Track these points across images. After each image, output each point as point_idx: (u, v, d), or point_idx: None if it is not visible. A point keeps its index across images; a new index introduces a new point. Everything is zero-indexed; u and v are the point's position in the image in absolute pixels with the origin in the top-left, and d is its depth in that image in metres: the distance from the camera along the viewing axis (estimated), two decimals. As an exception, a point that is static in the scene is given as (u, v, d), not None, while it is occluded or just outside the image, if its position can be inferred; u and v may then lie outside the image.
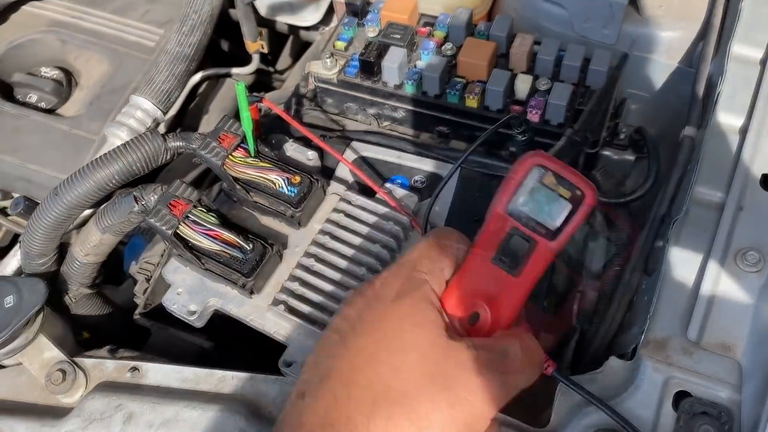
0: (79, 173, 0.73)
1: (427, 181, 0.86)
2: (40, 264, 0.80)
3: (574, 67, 0.88)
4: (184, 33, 0.97)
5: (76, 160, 1.01)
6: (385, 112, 0.97)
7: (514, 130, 0.76)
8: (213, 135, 0.74)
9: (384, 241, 0.75)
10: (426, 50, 0.95)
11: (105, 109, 1.04)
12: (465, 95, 0.90)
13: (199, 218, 0.71)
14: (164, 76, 0.95)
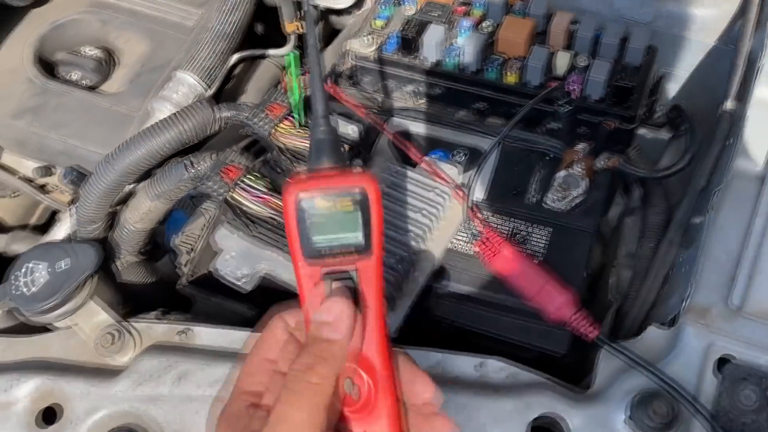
0: (133, 141, 0.75)
1: (467, 154, 0.88)
2: (91, 230, 0.82)
3: (612, 45, 0.89)
4: (225, 11, 0.99)
5: (117, 136, 1.03)
6: (423, 90, 0.99)
7: (557, 102, 0.76)
8: (262, 105, 0.76)
9: (427, 209, 0.76)
10: (464, 28, 0.96)
11: (145, 86, 1.06)
12: (504, 71, 0.92)
13: (250, 184, 0.72)
14: (206, 53, 0.96)
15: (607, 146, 0.84)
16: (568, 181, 0.82)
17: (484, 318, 0.78)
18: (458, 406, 0.67)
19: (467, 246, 0.80)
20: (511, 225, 0.81)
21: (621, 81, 0.86)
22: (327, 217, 0.42)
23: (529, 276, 0.73)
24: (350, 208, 0.42)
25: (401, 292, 0.73)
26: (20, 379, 0.76)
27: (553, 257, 0.78)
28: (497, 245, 0.75)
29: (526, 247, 0.78)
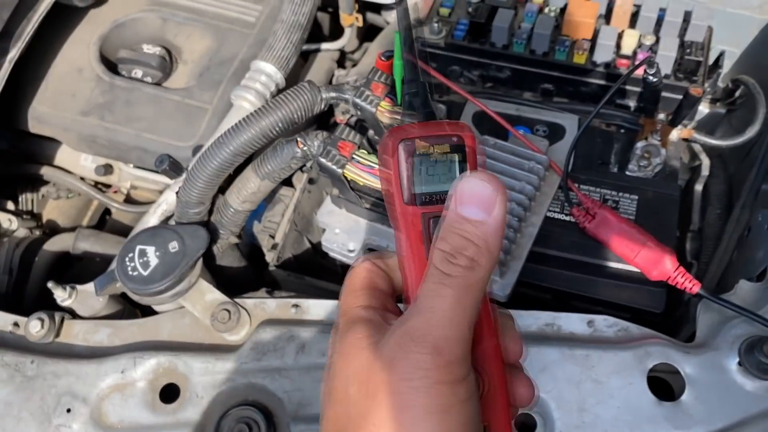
0: (244, 121, 0.77)
1: (546, 131, 0.92)
2: (197, 213, 0.84)
3: (675, 23, 0.95)
4: (297, 3, 1.02)
5: (190, 128, 1.05)
6: (491, 73, 1.03)
7: (646, 72, 0.81)
8: (366, 85, 0.79)
9: (527, 178, 0.80)
10: (530, 12, 1.01)
11: (215, 79, 1.09)
12: (573, 52, 0.96)
13: (364, 158, 0.75)
14: (283, 43, 0.99)
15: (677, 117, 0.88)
16: (650, 150, 0.86)
17: (582, 281, 0.81)
18: (579, 358, 0.71)
19: (561, 214, 0.83)
20: (601, 192, 0.85)
21: (690, 56, 0.91)
22: (425, 163, 0.43)
23: (629, 237, 0.77)
24: (446, 151, 0.43)
25: (511, 257, 0.76)
26: (137, 360, 0.78)
27: (643, 221, 0.82)
28: (595, 209, 0.79)
29: (619, 212, 0.82)
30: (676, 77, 0.92)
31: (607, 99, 0.80)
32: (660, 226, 0.82)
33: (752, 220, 0.88)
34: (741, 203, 0.89)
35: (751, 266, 0.83)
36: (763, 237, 0.83)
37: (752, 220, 0.88)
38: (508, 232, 0.76)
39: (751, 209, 0.88)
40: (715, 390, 0.69)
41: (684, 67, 0.91)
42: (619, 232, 0.78)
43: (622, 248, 0.78)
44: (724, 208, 0.98)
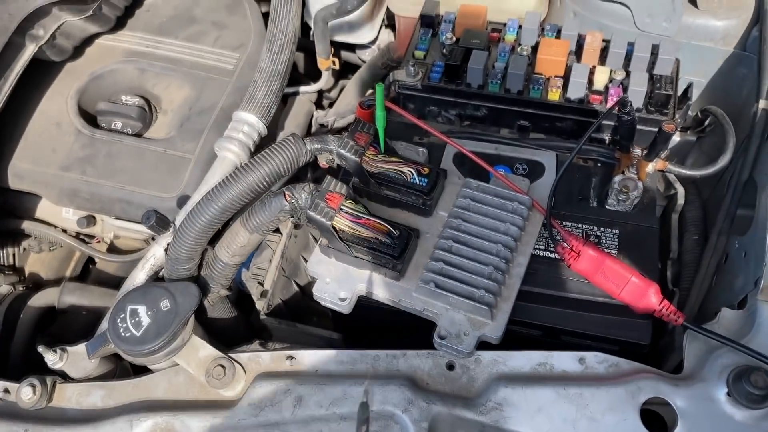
0: (231, 177, 0.78)
1: (526, 168, 0.94)
2: (187, 269, 0.84)
3: (644, 58, 0.98)
4: (275, 52, 1.03)
5: (174, 179, 1.06)
6: (468, 112, 1.05)
7: (621, 110, 0.83)
8: (350, 135, 0.80)
9: (511, 219, 0.82)
10: (503, 52, 1.03)
11: (196, 129, 1.09)
12: (547, 90, 0.99)
13: (351, 209, 0.77)
14: (263, 92, 1.01)
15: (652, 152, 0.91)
16: (627, 184, 0.88)
17: (570, 317, 0.83)
18: (573, 397, 0.72)
19: (546, 251, 0.85)
20: (583, 228, 0.87)
21: (660, 89, 0.94)
22: None
23: (613, 273, 0.79)
24: None
25: (501, 298, 0.78)
26: (134, 422, 0.78)
27: (626, 254, 0.84)
28: (579, 247, 0.81)
29: (602, 246, 0.85)
30: (647, 110, 0.95)
31: (583, 142, 0.82)
32: (642, 258, 0.84)
33: (729, 247, 0.91)
34: (717, 230, 0.92)
35: (731, 293, 0.85)
36: (740, 264, 0.86)
37: (729, 247, 0.91)
38: (496, 274, 0.78)
39: (727, 236, 0.91)
40: (706, 421, 0.71)
41: (655, 101, 0.94)
42: (604, 268, 0.79)
43: (607, 284, 0.80)
44: (700, 233, 1.01)
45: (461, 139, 0.99)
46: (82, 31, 1.16)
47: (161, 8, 1.25)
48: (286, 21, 1.06)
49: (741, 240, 0.87)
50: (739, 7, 0.99)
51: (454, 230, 0.82)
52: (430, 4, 1.09)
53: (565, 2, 1.11)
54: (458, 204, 0.84)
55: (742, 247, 0.87)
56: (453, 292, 0.77)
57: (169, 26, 1.22)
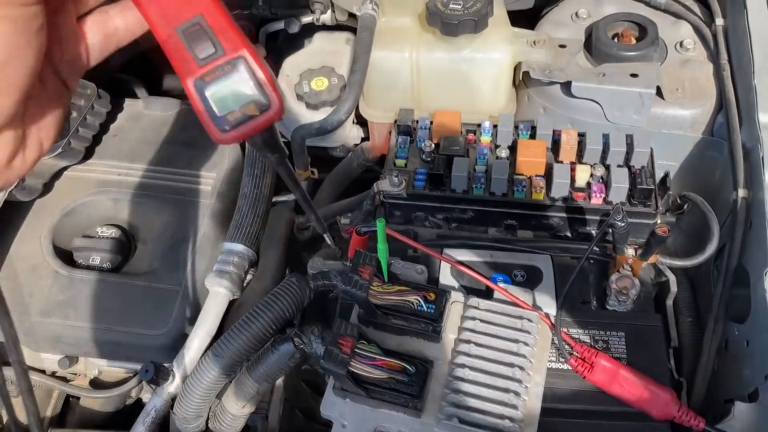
0: (236, 329, 0.76)
1: (525, 275, 0.94)
2: (196, 426, 0.81)
3: (620, 152, 1.01)
4: (257, 176, 1.03)
5: (162, 314, 1.02)
6: (454, 215, 1.06)
7: (615, 218, 0.85)
8: (353, 270, 0.80)
9: (523, 338, 0.82)
10: (482, 154, 1.05)
11: (180, 259, 1.07)
12: (531, 190, 1.00)
13: (365, 351, 0.75)
14: (250, 219, 0.99)
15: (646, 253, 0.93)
16: (626, 284, 0.90)
17: (589, 428, 0.83)
18: None
19: (558, 362, 0.85)
20: (590, 333, 0.87)
21: (641, 184, 0.97)
22: None
23: (629, 382, 0.79)
24: None
25: (524, 423, 0.77)
26: None
27: (635, 358, 0.85)
28: (592, 358, 0.81)
29: (611, 353, 0.85)
30: (630, 203, 0.98)
31: (582, 261, 0.84)
32: (652, 360, 0.85)
33: (727, 332, 0.93)
34: (714, 316, 0.94)
35: (739, 383, 0.87)
36: (744, 352, 0.87)
37: (727, 332, 0.93)
38: (517, 400, 0.77)
39: (724, 321, 0.93)
40: None
41: (638, 195, 0.96)
42: (619, 378, 0.80)
43: (623, 394, 0.80)
44: (694, 315, 1.02)
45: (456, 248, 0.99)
46: (52, 167, 1.13)
47: (129, 132, 1.23)
48: (264, 142, 1.06)
49: (740, 328, 0.89)
50: (703, 96, 1.04)
51: (465, 356, 0.81)
52: (405, 113, 1.10)
53: (534, 99, 1.14)
54: (466, 326, 0.83)
55: (742, 334, 0.89)
56: (478, 426, 0.76)
57: (140, 151, 1.20)
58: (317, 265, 0.95)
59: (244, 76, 0.39)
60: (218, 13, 0.39)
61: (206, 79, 0.39)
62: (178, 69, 0.39)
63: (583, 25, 1.17)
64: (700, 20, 1.12)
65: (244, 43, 0.39)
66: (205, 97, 0.39)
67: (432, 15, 1.06)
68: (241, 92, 0.40)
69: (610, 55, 1.08)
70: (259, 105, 0.40)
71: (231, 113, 0.40)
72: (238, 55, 0.39)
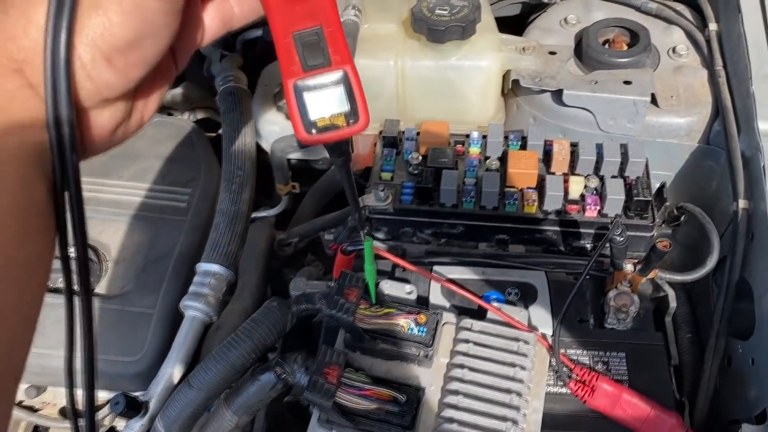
0: (212, 359, 0.71)
1: (519, 293, 0.90)
2: (171, 463, 0.75)
3: (615, 162, 0.97)
4: (234, 191, 0.97)
5: (135, 339, 0.96)
6: (443, 230, 1.01)
7: (615, 233, 0.81)
8: (338, 292, 0.74)
9: (519, 362, 0.77)
10: (471, 167, 1.00)
11: (154, 280, 1.01)
12: (523, 204, 0.96)
13: (352, 380, 0.70)
14: (227, 238, 0.94)
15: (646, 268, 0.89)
16: (624, 301, 0.86)
17: (591, 454, 0.78)
18: None
19: (556, 386, 0.81)
20: (589, 354, 0.83)
21: (638, 196, 0.93)
22: None
23: (633, 406, 0.75)
24: None
25: (523, 454, 0.72)
26: None
27: (637, 379, 0.81)
28: (593, 382, 0.77)
29: (612, 374, 0.81)
30: (627, 216, 0.94)
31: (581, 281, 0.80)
32: (655, 382, 0.81)
33: (730, 349, 0.89)
34: (715, 332, 0.90)
35: (745, 403, 0.83)
36: (749, 371, 0.84)
37: (730, 349, 0.89)
38: (514, 429, 0.72)
39: (726, 338, 0.89)
40: None
41: (634, 207, 0.93)
42: (622, 402, 0.76)
43: (627, 418, 0.76)
44: (693, 331, 0.99)
45: (446, 266, 0.94)
46: (16, 184, 1.06)
47: (100, 146, 1.17)
48: (243, 155, 1.00)
49: (744, 345, 0.85)
50: (698, 103, 1.00)
51: (459, 381, 0.76)
52: (391, 124, 1.05)
53: (524, 108, 1.10)
54: (459, 349, 0.79)
55: (747, 352, 0.85)
56: (473, 455, 0.71)
57: (112, 166, 1.14)
58: (300, 286, 0.90)
59: (342, 90, 0.42)
60: (335, 27, 0.42)
61: (308, 83, 0.42)
62: (283, 68, 0.42)
63: (573, 31, 1.13)
64: (693, 25, 1.09)
65: (349, 59, 0.42)
66: (302, 99, 0.42)
67: (417, 21, 1.02)
68: (335, 103, 0.43)
69: (601, 61, 1.05)
70: (348, 118, 0.43)
71: (321, 119, 0.43)
72: (342, 69, 0.42)
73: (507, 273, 0.92)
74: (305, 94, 0.42)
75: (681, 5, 1.15)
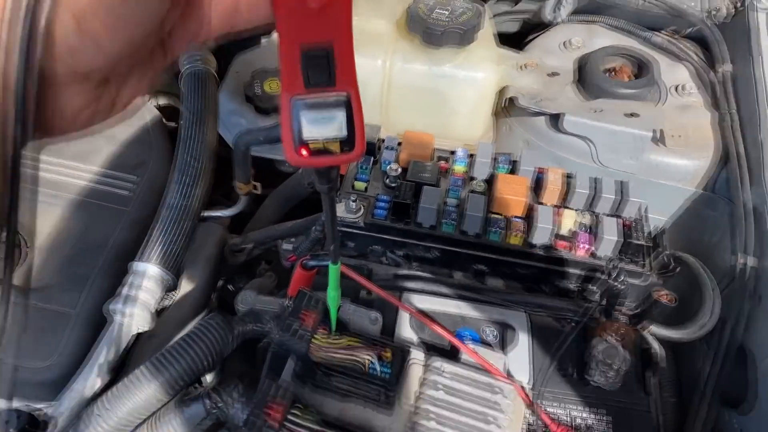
0: (135, 379, 0.58)
1: (497, 335, 0.80)
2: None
3: (611, 200, 0.88)
4: (186, 184, 0.85)
5: (48, 342, 0.83)
6: (417, 253, 0.91)
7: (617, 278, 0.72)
8: (293, 314, 0.63)
9: (493, 415, 0.66)
10: (455, 186, 0.90)
11: (80, 274, 0.87)
12: (508, 233, 0.86)
13: (299, 421, 0.58)
14: (172, 236, 0.81)
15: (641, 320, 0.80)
16: (611, 354, 0.76)
17: None
18: None
19: (532, 444, 0.71)
20: (568, 412, 0.73)
21: (634, 239, 0.84)
22: None
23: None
24: None
25: None
26: None
27: (622, 445, 0.71)
28: (573, 445, 0.67)
29: (594, 438, 0.71)
30: (619, 259, 0.85)
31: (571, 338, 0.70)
32: (640, 450, 0.71)
33: (722, 421, 0.81)
34: (707, 400, 0.82)
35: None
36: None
37: (722, 421, 0.81)
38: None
39: (717, 408, 0.81)
40: None
41: (629, 251, 0.84)
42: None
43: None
44: (677, 393, 0.90)
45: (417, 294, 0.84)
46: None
47: (40, 117, 1.03)
48: (200, 144, 0.88)
49: (740, 419, 0.77)
50: (705, 146, 0.93)
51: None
52: (371, 129, 0.95)
53: (516, 129, 1.01)
54: (426, 394, 0.68)
55: (742, 426, 0.76)
56: None
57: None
58: (249, 300, 0.78)
59: (342, 114, 0.39)
60: (347, 46, 0.37)
61: (307, 101, 0.38)
62: (284, 80, 0.38)
63: (574, 55, 1.05)
64: (703, 63, 1.02)
65: (354, 83, 0.38)
66: (298, 117, 0.38)
67: (413, 20, 0.92)
68: (332, 127, 0.39)
69: (604, 89, 0.97)
70: (343, 145, 0.40)
71: (314, 142, 0.39)
72: (345, 93, 0.38)
73: (484, 309, 0.82)
74: (303, 112, 0.38)
75: (689, 41, 1.08)
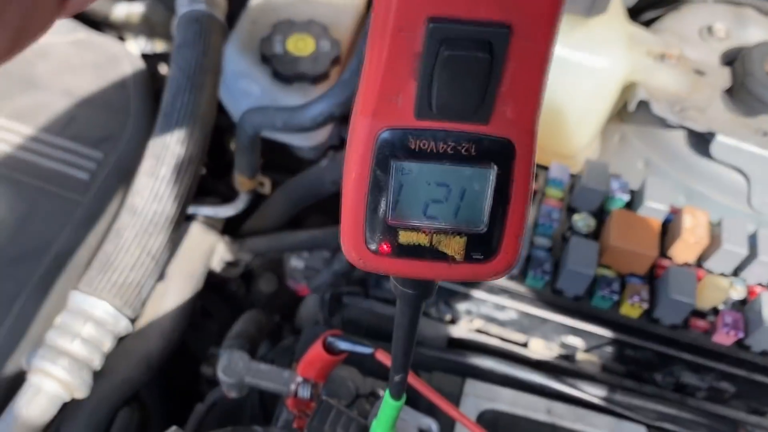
0: None
1: (601, 455, 0.53)
2: None
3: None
4: (164, 179, 0.58)
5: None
6: (482, 311, 0.64)
7: None
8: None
9: None
10: (548, 221, 0.63)
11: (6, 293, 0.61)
12: (622, 300, 0.59)
13: None
14: (132, 258, 0.54)
15: None
16: None
17: None
18: None
19: None
20: None
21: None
22: None
23: None
24: None
25: None
26: None
27: None
28: None
29: None
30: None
31: None
32: None
33: None
34: None
35: None
36: None
37: None
38: None
39: None
40: None
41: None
42: None
43: None
44: None
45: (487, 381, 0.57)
46: None
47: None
48: (192, 118, 0.61)
49: None
50: None
51: None
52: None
53: (632, 142, 0.73)
54: None
55: None
56: None
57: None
58: (236, 369, 0.51)
59: (488, 180, 0.22)
60: (542, 43, 0.21)
61: (420, 143, 0.21)
62: (367, 91, 0.21)
63: (718, 47, 0.77)
64: None
65: (530, 120, 0.22)
66: (390, 172, 0.22)
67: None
68: (458, 202, 0.22)
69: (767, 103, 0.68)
70: (472, 246, 0.23)
71: (415, 230, 0.23)
72: (507, 138, 0.22)
73: (583, 419, 0.55)
74: (405, 164, 0.21)
75: None
